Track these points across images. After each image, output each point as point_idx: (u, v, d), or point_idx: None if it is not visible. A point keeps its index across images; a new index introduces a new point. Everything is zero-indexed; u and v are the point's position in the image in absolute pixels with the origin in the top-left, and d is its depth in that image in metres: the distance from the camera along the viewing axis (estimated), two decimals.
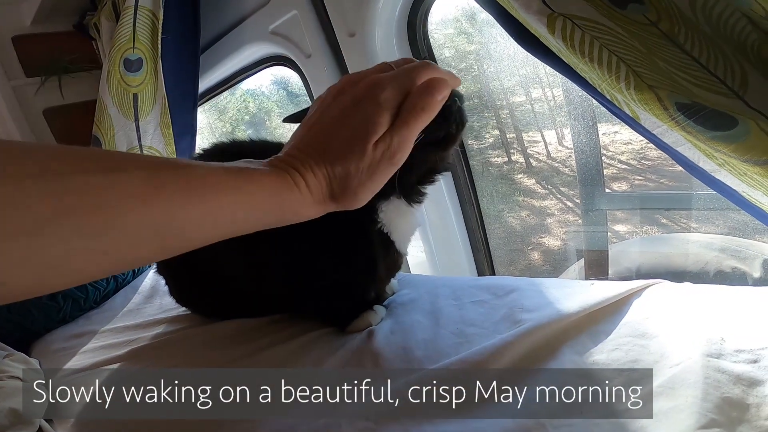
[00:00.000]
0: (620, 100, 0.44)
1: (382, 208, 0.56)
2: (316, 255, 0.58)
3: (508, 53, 1.12)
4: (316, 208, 0.36)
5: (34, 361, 0.71)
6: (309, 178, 0.35)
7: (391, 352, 0.52)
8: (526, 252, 1.41)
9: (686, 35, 0.45)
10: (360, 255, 0.57)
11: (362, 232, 0.56)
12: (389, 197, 0.56)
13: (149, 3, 1.08)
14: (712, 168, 0.42)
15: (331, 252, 0.57)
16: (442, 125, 0.47)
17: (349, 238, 0.56)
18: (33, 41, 1.44)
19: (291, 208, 0.35)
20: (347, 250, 0.57)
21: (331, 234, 0.55)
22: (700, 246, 1.01)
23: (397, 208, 0.57)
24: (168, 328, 0.72)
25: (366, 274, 0.59)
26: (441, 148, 0.51)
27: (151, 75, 1.15)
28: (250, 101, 2.45)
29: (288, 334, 0.62)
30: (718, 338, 0.40)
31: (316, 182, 0.35)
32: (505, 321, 0.53)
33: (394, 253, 0.61)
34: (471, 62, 1.37)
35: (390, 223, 0.57)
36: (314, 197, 0.35)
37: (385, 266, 0.61)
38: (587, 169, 0.94)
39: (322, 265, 0.58)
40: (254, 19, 1.13)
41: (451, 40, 1.34)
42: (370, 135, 0.35)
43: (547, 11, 0.46)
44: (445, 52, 1.31)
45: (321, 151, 0.36)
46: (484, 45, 1.24)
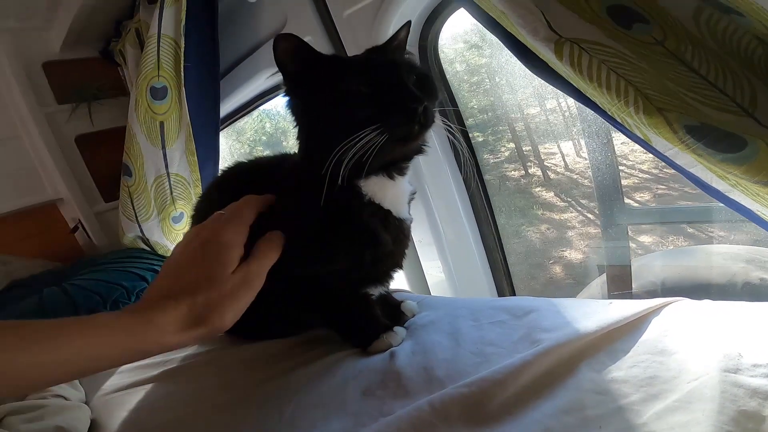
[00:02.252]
0: (631, 124, 0.45)
1: (361, 183, 0.56)
2: (319, 242, 0.58)
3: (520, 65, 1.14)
4: (180, 336, 0.42)
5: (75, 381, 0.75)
6: (169, 311, 0.41)
7: (413, 371, 0.53)
8: (547, 266, 1.40)
9: (693, 53, 0.45)
10: (357, 229, 0.58)
11: (350, 208, 0.57)
12: (368, 176, 0.56)
13: (171, 31, 1.11)
14: (726, 188, 0.43)
15: (330, 235, 0.58)
16: (403, 127, 0.50)
17: (341, 218, 0.57)
18: (62, 67, 1.47)
19: (150, 340, 0.41)
20: (345, 230, 0.57)
21: (324, 220, 0.56)
22: (726, 258, 0.99)
23: (377, 181, 0.57)
24: (197, 350, 0.74)
25: (371, 246, 0.59)
26: (405, 144, 0.54)
27: (175, 102, 1.18)
28: (266, 121, 2.50)
29: (313, 356, 0.63)
30: (736, 353, 0.40)
31: (177, 314, 0.42)
32: (523, 341, 0.53)
33: (394, 221, 0.61)
34: (483, 76, 1.38)
35: (376, 194, 0.58)
36: (174, 327, 0.41)
37: (390, 236, 0.60)
38: (605, 185, 0.94)
39: (328, 250, 0.59)
40: (270, 45, 1.16)
41: (461, 54, 1.36)
42: (226, 266, 0.45)
43: (555, 37, 0.47)
44: (456, 67, 1.32)
45: (182, 287, 0.43)
46: (495, 57, 1.25)
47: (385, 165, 0.57)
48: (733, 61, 0.44)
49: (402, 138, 0.52)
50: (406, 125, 0.50)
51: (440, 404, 0.44)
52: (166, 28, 1.10)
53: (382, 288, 0.66)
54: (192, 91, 1.16)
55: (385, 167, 0.57)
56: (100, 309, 0.96)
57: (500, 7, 0.50)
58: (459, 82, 1.28)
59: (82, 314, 0.89)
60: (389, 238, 0.60)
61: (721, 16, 0.44)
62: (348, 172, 0.50)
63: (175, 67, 1.15)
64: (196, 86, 1.16)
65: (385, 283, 0.66)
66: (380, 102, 0.50)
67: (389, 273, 0.66)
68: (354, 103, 0.51)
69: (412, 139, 0.53)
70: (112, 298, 0.98)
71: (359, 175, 0.55)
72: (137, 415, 0.63)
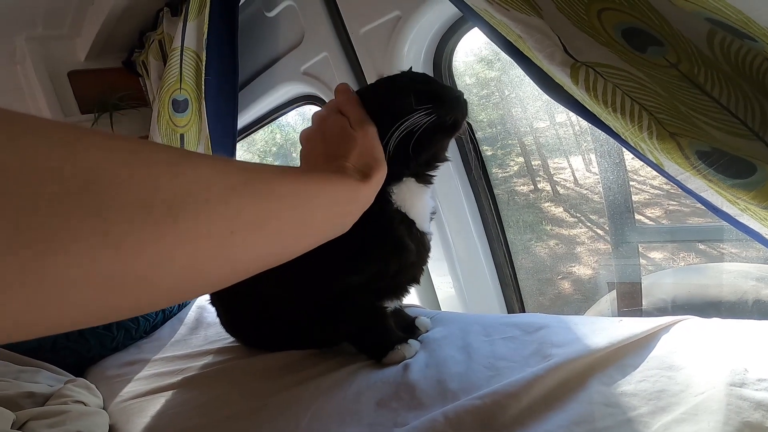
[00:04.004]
0: (644, 149, 0.46)
1: (394, 190, 0.61)
2: (348, 249, 0.60)
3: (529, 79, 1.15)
4: (366, 189, 0.45)
5: (93, 387, 0.77)
6: (348, 170, 0.45)
7: (426, 384, 0.54)
8: (555, 282, 1.40)
9: (706, 75, 0.46)
10: (386, 234, 0.61)
11: (382, 212, 0.60)
12: (401, 179, 0.61)
13: (194, 44, 1.14)
14: (735, 212, 0.44)
15: (359, 243, 0.60)
16: (451, 112, 0.56)
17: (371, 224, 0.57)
18: (86, 77, 1.50)
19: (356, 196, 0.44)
20: (374, 233, 0.60)
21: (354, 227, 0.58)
22: (737, 276, 0.99)
23: (409, 188, 0.62)
24: (215, 359, 0.76)
25: (398, 254, 0.62)
26: (447, 134, 0.60)
27: (195, 115, 1.21)
28: (277, 132, 2.53)
29: (327, 366, 0.65)
30: (742, 369, 0.42)
31: (353, 170, 0.45)
32: (534, 356, 0.55)
33: (417, 233, 0.64)
34: (492, 89, 1.39)
35: (404, 202, 0.62)
36: (359, 179, 0.45)
37: (414, 245, 0.63)
38: (616, 204, 0.95)
39: (356, 259, 0.61)
40: (287, 60, 1.19)
41: (471, 67, 1.36)
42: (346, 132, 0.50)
43: (570, 61, 0.48)
44: (466, 80, 1.33)
45: (337, 156, 0.47)
46: (506, 71, 1.26)
47: (420, 165, 0.61)
48: (745, 83, 0.45)
49: (447, 126, 0.57)
50: (452, 111, 0.56)
51: (454, 415, 0.45)
52: (188, 41, 1.13)
53: (398, 302, 0.68)
54: (211, 104, 1.18)
55: (419, 169, 0.62)
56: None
57: (517, 31, 0.51)
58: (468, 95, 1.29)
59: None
60: (413, 247, 0.63)
61: (733, 39, 0.45)
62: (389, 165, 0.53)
63: (196, 80, 1.17)
64: (216, 99, 1.19)
65: (401, 296, 0.68)
66: (431, 93, 0.57)
67: (407, 287, 0.68)
68: (410, 93, 0.56)
69: (455, 127, 0.58)
70: None
71: (398, 176, 0.59)
72: (155, 422, 0.65)
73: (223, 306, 0.81)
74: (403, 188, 0.61)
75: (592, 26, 0.50)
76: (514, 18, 0.50)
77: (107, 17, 1.28)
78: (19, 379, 0.76)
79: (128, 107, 1.54)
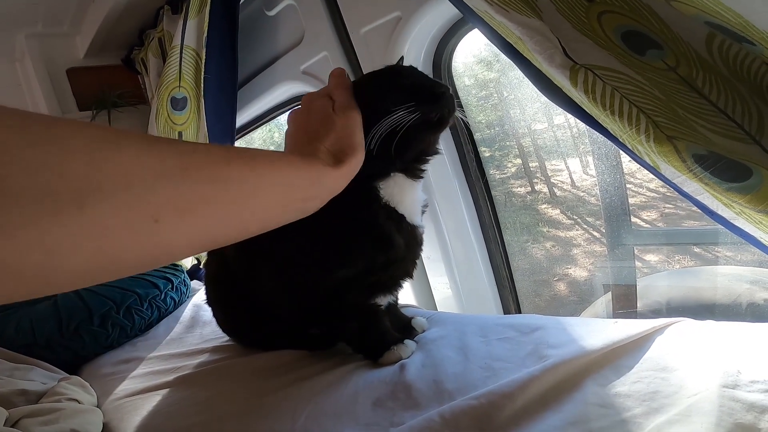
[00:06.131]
0: (641, 151, 0.46)
1: (381, 186, 0.60)
2: (334, 245, 0.61)
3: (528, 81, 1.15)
4: (335, 174, 0.45)
5: (87, 385, 0.76)
6: (320, 150, 0.46)
7: (423, 384, 0.55)
8: (551, 283, 1.40)
9: (704, 78, 0.47)
10: (371, 230, 0.60)
11: (368, 210, 0.59)
12: (389, 174, 0.60)
13: (194, 42, 1.14)
14: (731, 216, 0.44)
15: (345, 239, 0.60)
16: (436, 109, 0.55)
17: (357, 220, 0.59)
18: (85, 74, 1.49)
19: (320, 181, 0.44)
20: (359, 229, 0.60)
21: (340, 222, 0.58)
22: (731, 279, 0.99)
23: (397, 183, 0.61)
24: (211, 357, 0.76)
25: (385, 249, 0.61)
26: (434, 131, 0.59)
27: (194, 113, 1.21)
28: (275, 131, 2.52)
29: (324, 366, 0.65)
30: (735, 371, 0.42)
31: (325, 154, 0.46)
32: (530, 357, 0.55)
33: (407, 227, 0.63)
34: (491, 90, 1.39)
35: (393, 197, 0.61)
36: (330, 164, 0.45)
37: (403, 241, 0.62)
38: (612, 207, 0.95)
39: (342, 254, 0.61)
40: (286, 59, 1.19)
41: (470, 68, 1.36)
42: (328, 115, 0.50)
43: (570, 63, 0.48)
44: (465, 81, 1.33)
45: (310, 138, 0.48)
46: (504, 73, 1.26)
47: (412, 159, 0.61)
48: (743, 87, 0.45)
49: (433, 123, 0.56)
50: (437, 107, 0.55)
51: (450, 415, 0.46)
52: (188, 39, 1.13)
53: (391, 297, 0.67)
54: (210, 102, 1.18)
55: (408, 165, 0.61)
56: (114, 315, 0.97)
57: (517, 33, 0.51)
58: (467, 96, 1.30)
59: (96, 320, 0.93)
60: (402, 242, 0.62)
61: (732, 43, 0.45)
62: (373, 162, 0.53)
63: (195, 78, 1.17)
64: (215, 97, 1.19)
65: (394, 291, 0.68)
66: (413, 90, 0.55)
67: (399, 281, 0.68)
68: (391, 89, 0.56)
69: (442, 124, 0.57)
70: (125, 305, 1.00)
71: (385, 172, 0.59)
72: (149, 421, 0.64)
73: (218, 305, 0.81)
74: (391, 183, 0.60)
75: (592, 29, 0.50)
76: (514, 19, 0.50)
77: (108, 15, 1.28)
78: (13, 376, 0.75)
79: (127, 105, 1.54)
